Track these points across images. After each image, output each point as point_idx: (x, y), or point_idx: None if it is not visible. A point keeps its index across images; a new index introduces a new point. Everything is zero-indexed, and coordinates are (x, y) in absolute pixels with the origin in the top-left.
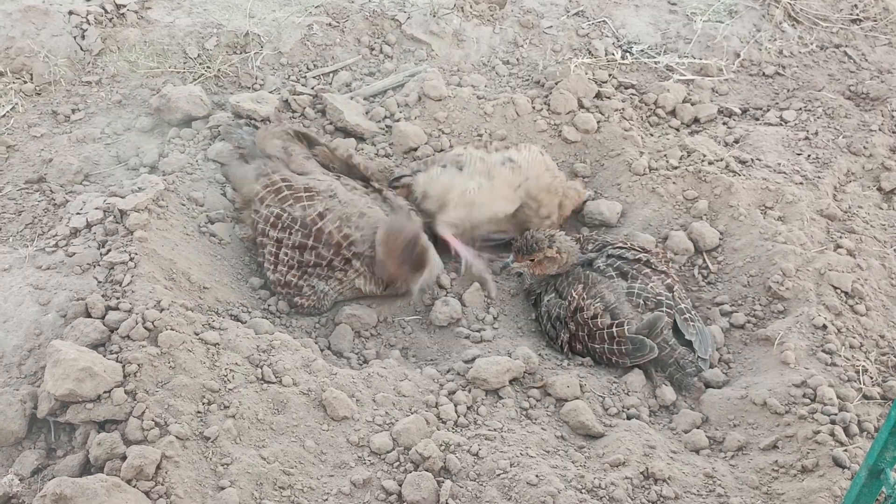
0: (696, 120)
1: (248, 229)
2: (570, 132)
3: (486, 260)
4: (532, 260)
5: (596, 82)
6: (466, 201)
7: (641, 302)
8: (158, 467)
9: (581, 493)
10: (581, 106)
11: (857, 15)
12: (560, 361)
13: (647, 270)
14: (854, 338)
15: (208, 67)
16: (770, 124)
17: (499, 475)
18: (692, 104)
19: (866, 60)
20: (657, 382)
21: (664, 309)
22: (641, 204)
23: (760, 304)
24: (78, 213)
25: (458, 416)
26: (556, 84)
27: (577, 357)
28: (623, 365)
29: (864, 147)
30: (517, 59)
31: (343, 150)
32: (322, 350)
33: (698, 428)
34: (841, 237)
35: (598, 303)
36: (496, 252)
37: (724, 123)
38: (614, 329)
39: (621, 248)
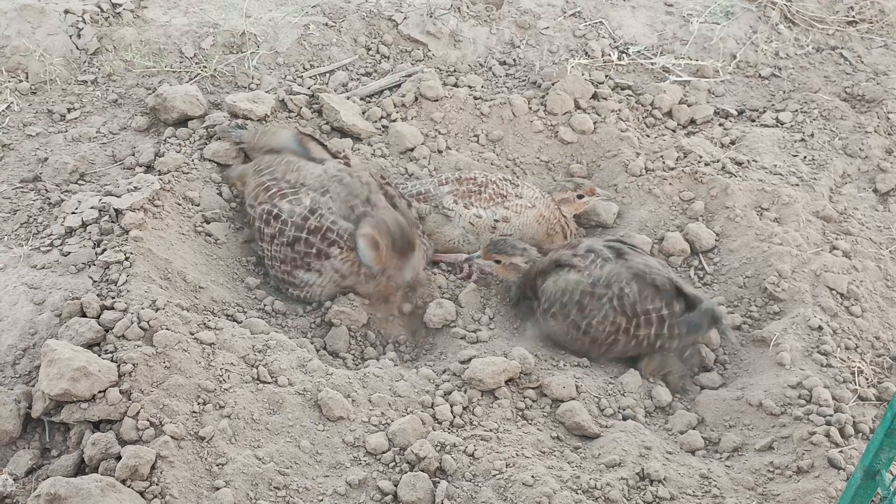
0: (693, 121)
1: (248, 229)
2: (566, 133)
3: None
4: (499, 262)
5: (592, 83)
6: (449, 248)
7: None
8: (153, 467)
9: (577, 493)
10: (577, 107)
11: (853, 17)
12: (556, 362)
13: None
14: (849, 339)
15: (204, 67)
16: (766, 126)
17: (494, 476)
18: (688, 105)
19: (862, 62)
20: (654, 380)
21: (667, 276)
22: (638, 205)
23: (756, 306)
24: (73, 213)
25: (454, 417)
26: (553, 85)
27: (574, 357)
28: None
29: (860, 149)
30: (514, 60)
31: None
32: (318, 350)
33: (694, 429)
34: (837, 239)
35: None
36: None
37: (720, 125)
38: (664, 311)
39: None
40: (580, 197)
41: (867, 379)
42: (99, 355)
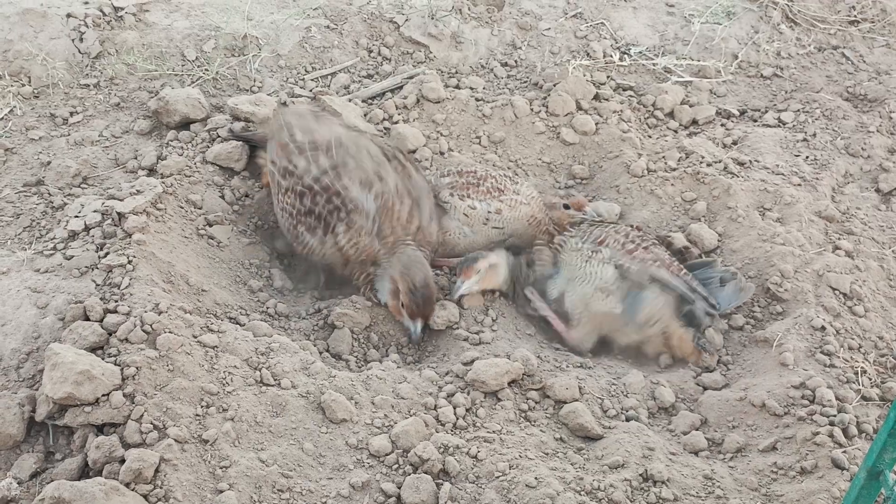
0: (695, 121)
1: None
2: (568, 134)
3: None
4: (476, 272)
5: (594, 84)
6: (447, 240)
7: None
8: (157, 470)
9: (580, 495)
10: (579, 108)
11: (855, 16)
12: (559, 363)
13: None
14: (853, 339)
15: (206, 70)
16: (768, 126)
17: (498, 477)
18: (690, 106)
19: (864, 62)
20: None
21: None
22: (640, 206)
23: (759, 306)
24: (76, 216)
25: (457, 419)
26: (555, 86)
27: (577, 358)
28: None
29: (863, 148)
30: (515, 61)
31: None
32: (321, 353)
33: (697, 430)
34: (839, 238)
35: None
36: None
37: (722, 125)
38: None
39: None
40: (566, 207)
41: (870, 379)
42: (102, 359)
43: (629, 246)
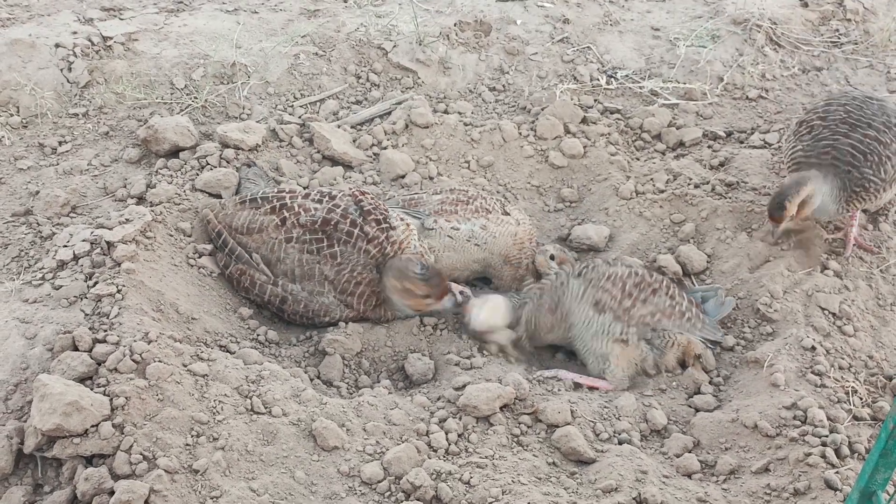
0: (682, 143)
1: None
2: (556, 157)
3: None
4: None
5: (581, 107)
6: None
7: None
8: (147, 502)
9: None
10: (567, 131)
11: (839, 38)
12: (551, 387)
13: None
14: (843, 359)
15: (195, 98)
16: (754, 147)
17: (491, 503)
18: (677, 128)
19: (848, 83)
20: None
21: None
22: (629, 228)
23: (749, 327)
24: (65, 246)
25: (449, 444)
26: (543, 110)
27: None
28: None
29: None
30: (503, 86)
31: None
32: (312, 379)
33: (690, 452)
34: (828, 259)
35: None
36: None
37: (708, 147)
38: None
39: None
40: (552, 258)
41: (861, 399)
42: (91, 389)
43: (626, 303)
